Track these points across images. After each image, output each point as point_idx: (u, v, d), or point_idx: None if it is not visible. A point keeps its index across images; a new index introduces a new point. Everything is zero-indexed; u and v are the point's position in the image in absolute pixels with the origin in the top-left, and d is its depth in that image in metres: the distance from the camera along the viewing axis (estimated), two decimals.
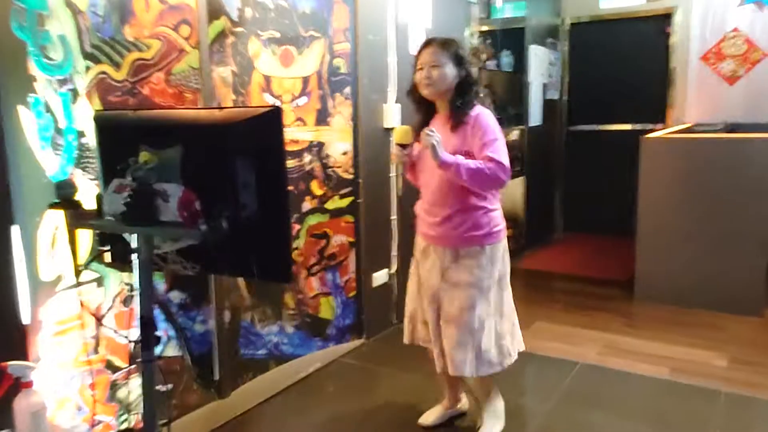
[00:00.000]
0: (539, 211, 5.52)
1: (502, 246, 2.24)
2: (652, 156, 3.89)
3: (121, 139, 1.32)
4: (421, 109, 2.27)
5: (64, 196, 1.27)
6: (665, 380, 2.80)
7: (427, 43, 2.19)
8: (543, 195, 5.71)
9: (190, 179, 1.23)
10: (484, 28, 5.42)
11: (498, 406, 2.41)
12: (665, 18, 5.29)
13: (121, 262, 1.39)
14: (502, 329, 2.25)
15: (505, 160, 2.07)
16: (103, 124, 1.37)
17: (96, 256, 1.31)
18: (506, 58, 5.26)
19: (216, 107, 2.27)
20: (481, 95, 2.27)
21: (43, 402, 1.56)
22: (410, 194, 3.43)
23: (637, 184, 3.95)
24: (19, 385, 1.54)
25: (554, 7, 5.68)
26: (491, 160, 2.04)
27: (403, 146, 2.20)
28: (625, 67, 5.57)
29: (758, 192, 3.58)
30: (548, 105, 5.58)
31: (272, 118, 1.21)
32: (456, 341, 2.15)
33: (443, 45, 2.16)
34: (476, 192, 2.14)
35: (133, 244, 1.24)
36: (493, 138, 2.09)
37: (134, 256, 1.24)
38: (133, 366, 2.23)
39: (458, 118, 2.13)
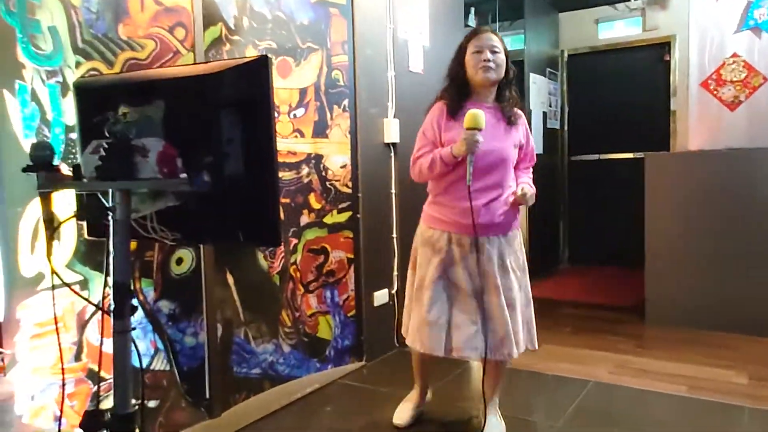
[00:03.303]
0: (542, 241, 5.41)
1: None
2: (657, 174, 3.81)
3: (101, 101, 1.25)
4: (457, 95, 2.23)
5: (40, 159, 1.19)
6: (684, 397, 2.64)
7: (483, 30, 2.25)
8: (546, 225, 5.62)
9: (172, 135, 1.15)
10: None
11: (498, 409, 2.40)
12: (663, 46, 5.32)
13: (99, 236, 1.30)
14: None
15: None
16: (82, 89, 1.30)
17: (69, 219, 1.21)
18: None
19: (202, 62, 2.20)
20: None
21: (12, 392, 1.43)
22: (409, 211, 3.36)
23: (643, 208, 3.86)
24: None
25: (553, 39, 5.73)
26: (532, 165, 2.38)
27: (478, 130, 2.04)
28: (626, 96, 5.58)
29: None
30: (549, 134, 5.56)
31: (259, 67, 1.14)
32: (518, 323, 2.20)
33: (498, 35, 2.24)
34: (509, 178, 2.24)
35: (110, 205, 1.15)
36: (533, 145, 2.35)
37: (110, 218, 1.15)
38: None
39: (511, 116, 2.23)
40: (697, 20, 5.09)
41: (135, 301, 1.18)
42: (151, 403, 2.23)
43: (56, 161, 1.21)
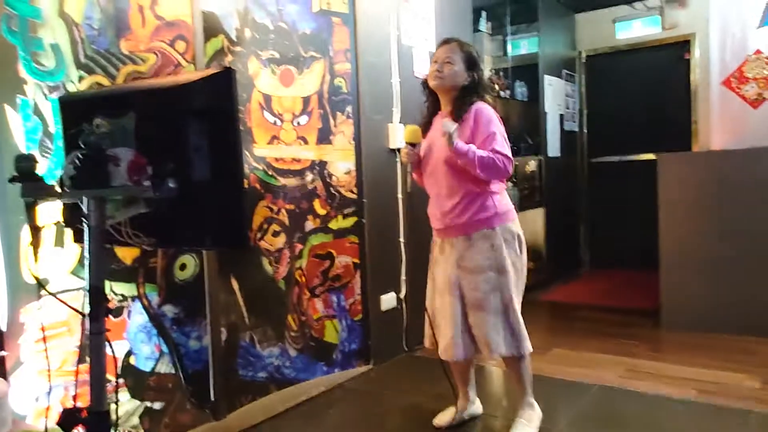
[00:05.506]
0: (562, 244, 5.35)
1: (515, 227, 2.27)
2: (670, 176, 3.75)
3: (80, 114, 1.32)
4: (430, 107, 2.40)
5: (24, 170, 1.25)
6: (691, 401, 2.59)
7: (446, 41, 2.34)
8: (566, 228, 5.56)
9: (144, 145, 1.21)
10: (503, 65, 5.40)
11: (534, 403, 2.38)
12: (683, 45, 5.23)
13: (82, 242, 1.36)
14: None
15: (509, 152, 2.17)
16: (66, 104, 1.38)
17: (48, 225, 1.27)
18: (520, 89, 5.25)
19: (171, 75, 2.27)
20: (488, 97, 2.33)
21: (6, 390, 1.50)
22: (417, 215, 3.38)
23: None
24: None
25: (569, 40, 5.68)
26: (497, 152, 2.14)
27: (412, 145, 2.31)
28: (646, 97, 5.50)
29: None
30: (567, 137, 5.51)
31: (224, 79, 1.19)
32: (487, 324, 2.17)
33: (460, 45, 2.30)
34: (479, 179, 2.20)
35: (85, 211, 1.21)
36: (493, 131, 2.17)
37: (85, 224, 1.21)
38: (121, 380, 2.18)
39: (458, 113, 2.22)
40: (718, 17, 4.97)
41: (141, 304, 1.23)
42: (157, 405, 2.30)
43: (40, 171, 1.28)
